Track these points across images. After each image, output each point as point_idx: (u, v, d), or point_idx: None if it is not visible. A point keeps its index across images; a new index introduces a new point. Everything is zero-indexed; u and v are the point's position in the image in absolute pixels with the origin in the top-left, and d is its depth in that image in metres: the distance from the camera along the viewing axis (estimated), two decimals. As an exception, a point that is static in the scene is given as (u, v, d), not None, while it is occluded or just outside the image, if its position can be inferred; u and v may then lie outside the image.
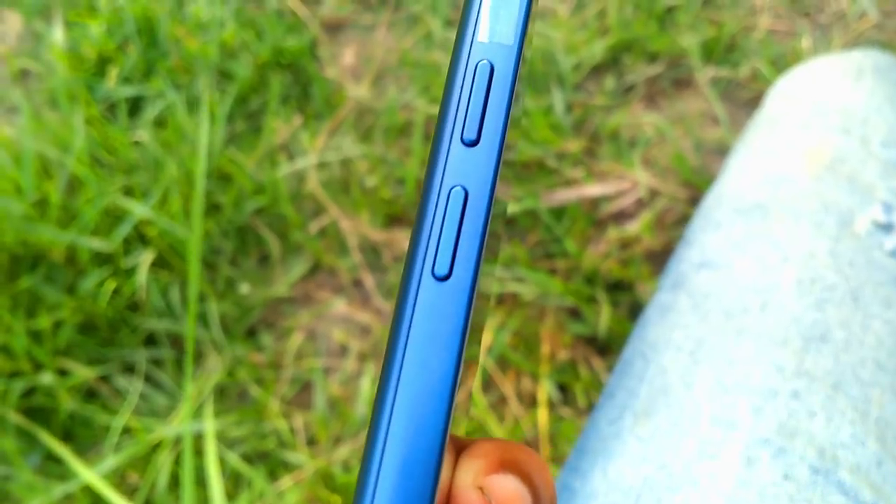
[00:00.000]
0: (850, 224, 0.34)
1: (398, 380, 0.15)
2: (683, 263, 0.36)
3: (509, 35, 0.16)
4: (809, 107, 0.38)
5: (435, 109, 0.86)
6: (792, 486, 0.27)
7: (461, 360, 0.15)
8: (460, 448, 0.16)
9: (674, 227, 0.78)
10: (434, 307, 0.15)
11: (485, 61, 0.16)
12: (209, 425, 0.67)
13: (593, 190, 0.80)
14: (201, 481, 0.67)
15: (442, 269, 0.15)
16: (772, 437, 0.28)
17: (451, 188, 0.16)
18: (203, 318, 0.76)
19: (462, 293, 0.15)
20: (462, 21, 0.17)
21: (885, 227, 0.34)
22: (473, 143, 0.16)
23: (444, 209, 0.16)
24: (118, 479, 0.69)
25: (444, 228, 0.16)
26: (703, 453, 0.29)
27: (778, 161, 0.37)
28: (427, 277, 0.15)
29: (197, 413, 0.71)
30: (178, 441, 0.69)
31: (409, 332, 0.15)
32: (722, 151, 0.83)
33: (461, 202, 0.16)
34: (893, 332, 0.31)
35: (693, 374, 0.31)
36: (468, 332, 0.15)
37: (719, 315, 0.32)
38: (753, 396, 0.29)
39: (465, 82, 0.16)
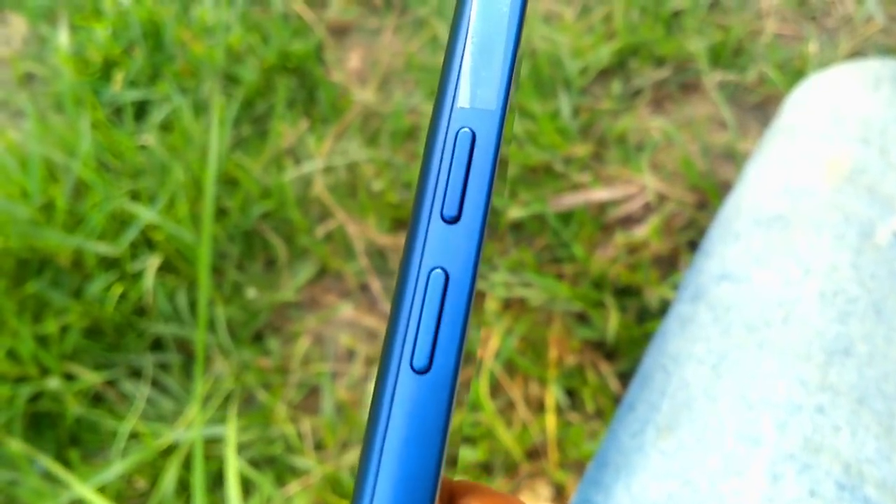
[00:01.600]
0: (872, 236, 0.33)
1: (375, 478, 0.14)
2: (703, 275, 0.36)
3: (491, 100, 0.15)
4: (827, 117, 0.38)
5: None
6: (818, 502, 0.27)
7: (442, 458, 0.14)
8: (451, 500, 0.15)
9: (681, 231, 0.78)
10: (413, 402, 0.14)
11: (466, 129, 0.15)
12: (230, 430, 0.67)
13: (600, 194, 0.80)
14: (208, 486, 0.67)
15: (421, 362, 0.14)
16: (797, 453, 0.28)
17: (431, 270, 0.15)
18: (210, 323, 0.76)
19: (443, 388, 0.14)
20: (441, 85, 0.16)
21: None
22: (454, 220, 0.15)
23: (423, 294, 0.15)
24: (126, 484, 0.69)
25: (423, 316, 0.14)
26: (729, 470, 0.28)
27: (797, 172, 0.37)
28: (405, 370, 0.14)
29: (206, 418, 0.70)
30: (186, 446, 0.69)
31: (386, 428, 0.14)
32: (729, 156, 0.83)
33: (441, 286, 0.15)
34: None
35: (716, 389, 0.31)
36: (450, 426, 0.14)
37: (741, 328, 0.32)
38: (778, 411, 0.29)
39: (445, 152, 0.15)
